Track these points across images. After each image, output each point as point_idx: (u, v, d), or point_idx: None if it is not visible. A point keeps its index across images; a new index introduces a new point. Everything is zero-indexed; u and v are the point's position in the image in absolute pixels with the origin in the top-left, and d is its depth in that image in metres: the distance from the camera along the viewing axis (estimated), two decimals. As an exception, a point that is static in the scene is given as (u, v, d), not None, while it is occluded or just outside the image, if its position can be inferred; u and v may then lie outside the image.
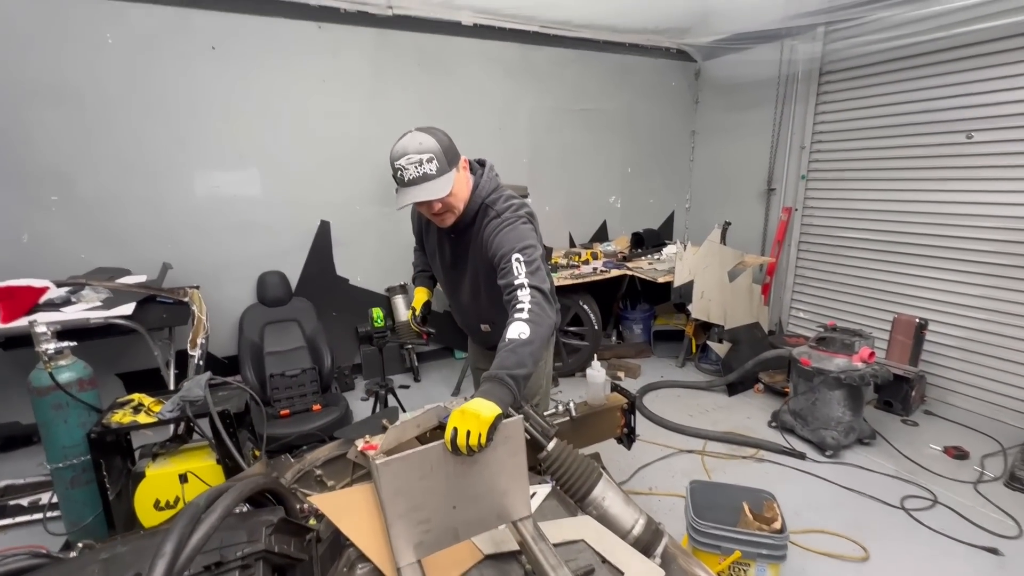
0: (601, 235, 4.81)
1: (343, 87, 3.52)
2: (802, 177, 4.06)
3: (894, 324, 3.17)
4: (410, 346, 3.82)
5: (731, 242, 4.33)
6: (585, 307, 3.71)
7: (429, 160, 1.40)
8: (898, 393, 3.13)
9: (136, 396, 1.99)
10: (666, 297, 4.77)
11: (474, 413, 1.03)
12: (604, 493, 1.69)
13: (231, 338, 3.39)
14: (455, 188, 1.45)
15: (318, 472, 1.58)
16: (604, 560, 1.19)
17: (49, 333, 1.81)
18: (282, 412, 3.00)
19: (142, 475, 1.86)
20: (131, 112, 2.99)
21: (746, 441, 2.86)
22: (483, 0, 3.59)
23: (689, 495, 1.85)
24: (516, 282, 1.39)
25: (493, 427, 1.02)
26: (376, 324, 2.62)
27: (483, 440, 1.00)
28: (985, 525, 2.20)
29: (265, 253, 3.45)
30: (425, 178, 1.40)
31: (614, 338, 4.56)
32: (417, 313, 1.98)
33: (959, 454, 2.71)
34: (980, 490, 2.45)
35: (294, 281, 3.59)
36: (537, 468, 1.59)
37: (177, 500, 1.94)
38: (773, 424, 3.04)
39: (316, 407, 3.05)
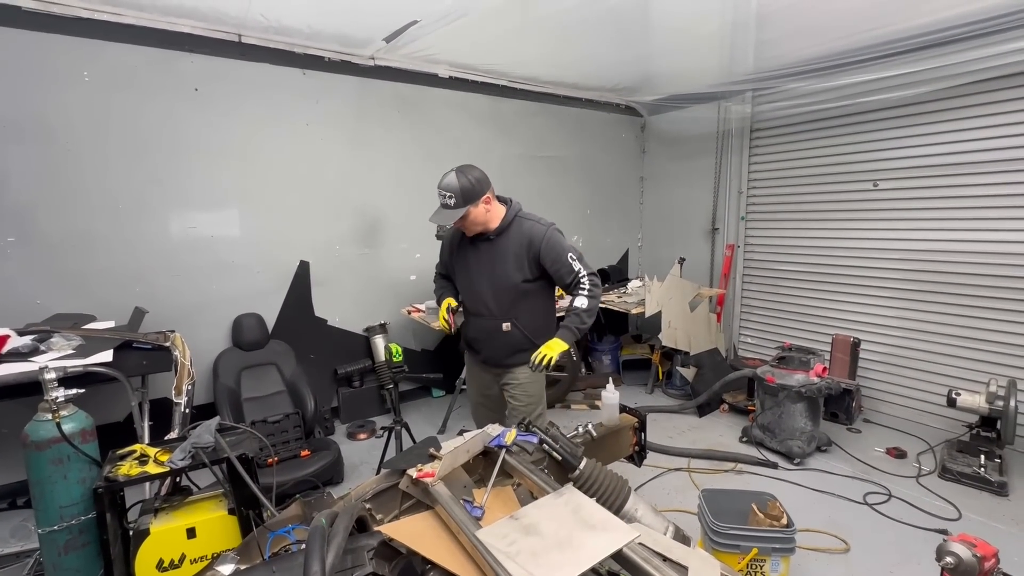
0: (566, 272, 5.09)
1: (326, 131, 3.59)
2: (741, 218, 4.61)
3: (833, 343, 3.63)
4: (391, 386, 3.77)
5: (685, 276, 4.76)
6: (563, 339, 3.89)
7: (450, 197, 1.99)
8: (842, 404, 3.56)
9: (138, 447, 1.88)
10: (628, 328, 5.09)
11: (554, 345, 2.08)
12: (636, 505, 1.83)
13: (204, 385, 3.19)
14: (471, 216, 2.04)
15: (368, 506, 1.58)
16: (665, 558, 1.31)
17: (56, 380, 1.70)
18: (269, 460, 2.85)
19: (146, 532, 1.75)
20: (105, 150, 2.87)
21: (725, 456, 3.11)
22: (459, 56, 3.86)
23: (704, 502, 2.02)
24: (578, 271, 2.12)
25: (564, 354, 2.09)
26: (396, 359, 2.64)
27: (554, 359, 2.06)
28: (932, 511, 2.55)
29: (242, 295, 3.34)
30: (445, 207, 2.02)
31: (583, 370, 4.76)
32: (453, 305, 2.28)
33: (899, 454, 3.13)
34: (921, 482, 2.84)
35: (271, 323, 3.48)
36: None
37: (183, 558, 1.83)
38: (744, 439, 3.33)
39: (304, 453, 2.93)
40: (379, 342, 3.83)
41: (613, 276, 4.78)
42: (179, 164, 3.09)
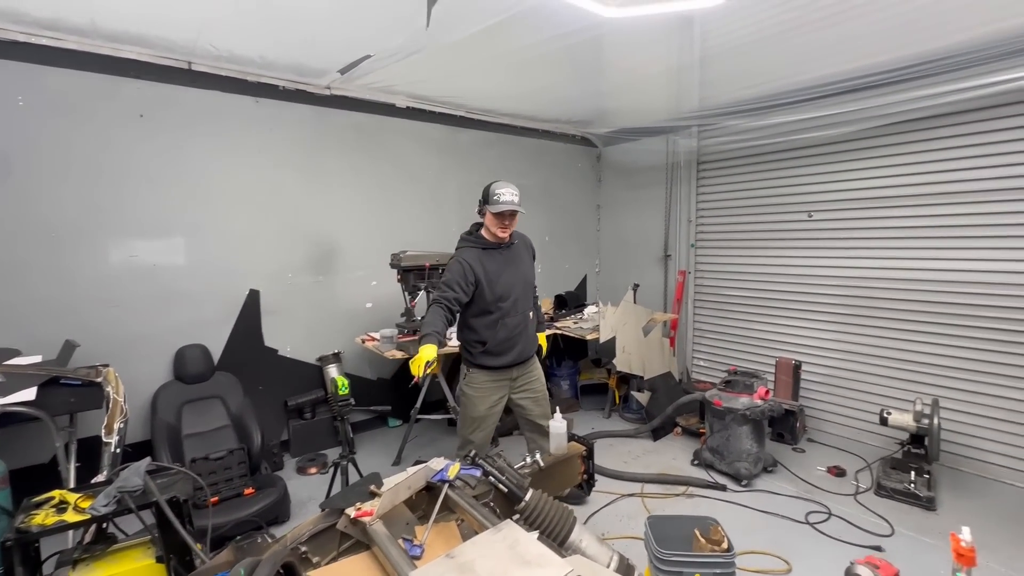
0: (525, 298, 5.15)
1: (279, 158, 3.56)
2: (691, 245, 4.80)
3: (777, 366, 3.80)
4: (345, 417, 3.67)
5: (639, 302, 4.89)
6: (520, 366, 3.91)
7: (516, 195, 2.44)
8: (787, 425, 3.70)
9: (56, 493, 1.76)
10: (586, 354, 5.16)
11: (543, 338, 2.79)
12: (581, 535, 1.85)
13: (140, 422, 3.03)
14: (518, 217, 2.52)
15: (303, 549, 1.53)
16: (605, 591, 1.33)
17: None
18: (209, 500, 2.71)
19: (65, 587, 1.63)
20: (39, 177, 2.76)
21: (676, 480, 3.16)
22: (416, 87, 3.94)
23: (649, 529, 2.05)
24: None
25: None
26: (341, 392, 2.57)
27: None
28: (868, 528, 2.67)
29: (186, 325, 3.22)
30: (514, 203, 2.42)
31: (543, 395, 4.78)
32: (432, 358, 2.25)
33: (839, 472, 3.26)
34: (859, 500, 2.96)
35: (217, 354, 3.36)
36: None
37: (103, 613, 1.71)
38: (696, 462, 3.40)
39: (248, 491, 2.81)
40: (332, 372, 3.75)
41: (571, 302, 4.86)
42: (122, 191, 3.00)
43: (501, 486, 1.87)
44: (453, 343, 3.46)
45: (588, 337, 3.95)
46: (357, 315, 4.00)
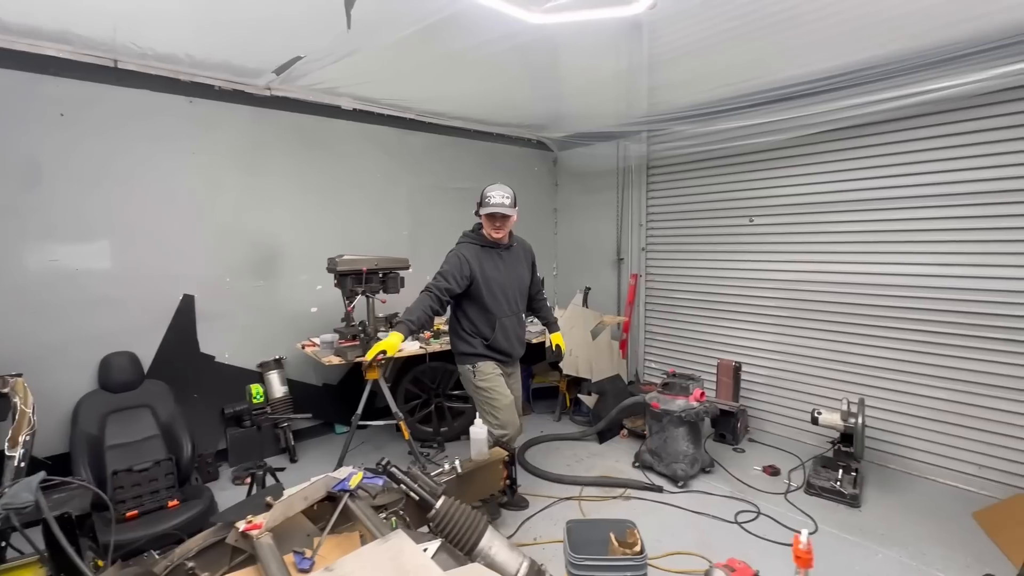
0: (480, 301, 5.14)
1: (216, 160, 3.48)
2: (642, 249, 4.87)
3: (718, 367, 3.87)
4: (286, 424, 3.60)
5: (592, 304, 4.93)
6: (467, 370, 3.89)
7: (506, 198, 2.55)
8: (728, 426, 3.78)
9: (-61, 511, 1.67)
10: (540, 357, 5.17)
11: (560, 337, 3.03)
12: (491, 543, 1.84)
13: (59, 434, 2.91)
14: (512, 219, 2.61)
15: (190, 565, 1.48)
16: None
17: None
18: (128, 513, 2.62)
19: (-67, 610, 1.55)
20: (-55, 178, 2.63)
21: (614, 482, 3.19)
22: (361, 90, 3.89)
23: (567, 534, 2.06)
24: (541, 276, 3.03)
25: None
26: (255, 400, 2.50)
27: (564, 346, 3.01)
28: (793, 526, 2.73)
29: (112, 332, 3.11)
30: (502, 204, 2.54)
31: (496, 399, 4.77)
32: (392, 352, 2.35)
33: (773, 471, 3.34)
34: (789, 498, 3.04)
35: (147, 362, 3.25)
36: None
37: (-14, 636, 1.63)
38: (636, 464, 3.44)
39: (172, 503, 2.72)
40: (274, 378, 3.67)
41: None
42: (40, 193, 2.88)
43: (412, 494, 1.85)
44: (411, 348, 3.44)
45: (534, 340, 3.96)
46: (302, 320, 3.93)
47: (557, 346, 2.98)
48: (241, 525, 1.49)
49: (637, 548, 1.96)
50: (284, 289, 3.86)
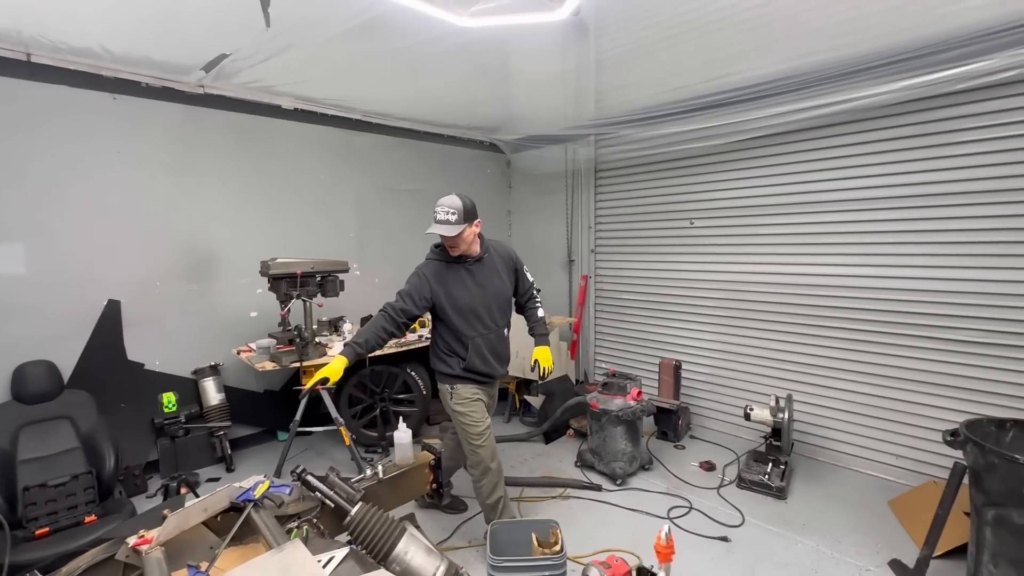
0: (432, 304, 5.10)
1: (145, 159, 3.34)
2: (592, 250, 4.94)
3: (660, 366, 3.96)
4: (221, 433, 3.49)
5: (545, 306, 4.96)
6: (412, 374, 3.86)
7: (452, 213, 2.21)
8: (669, 423, 3.87)
9: None
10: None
11: (545, 353, 2.65)
12: (407, 548, 1.83)
13: (-33, 448, 2.73)
14: (465, 234, 2.26)
15: (76, 583, 1.42)
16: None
17: None
18: (38, 531, 2.49)
19: None
20: None
21: (555, 482, 3.22)
22: (300, 89, 3.82)
23: (489, 537, 2.06)
24: (533, 282, 2.70)
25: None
26: (167, 409, 2.41)
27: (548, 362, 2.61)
28: (722, 520, 2.82)
29: (27, 341, 2.95)
30: (445, 223, 2.22)
31: (448, 402, 4.74)
32: (333, 383, 2.22)
33: (709, 467, 3.44)
34: (721, 493, 3.13)
35: (67, 371, 3.10)
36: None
37: None
38: (578, 464, 3.48)
39: (89, 519, 2.60)
40: (209, 385, 3.55)
41: (474, 307, 4.86)
42: (-59, 193, 2.71)
43: (328, 501, 1.83)
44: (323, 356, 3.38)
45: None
46: (241, 325, 3.82)
47: (537, 362, 2.61)
48: (132, 540, 1.44)
49: (557, 548, 1.98)
50: (222, 293, 3.74)
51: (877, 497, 3.05)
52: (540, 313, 2.70)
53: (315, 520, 1.80)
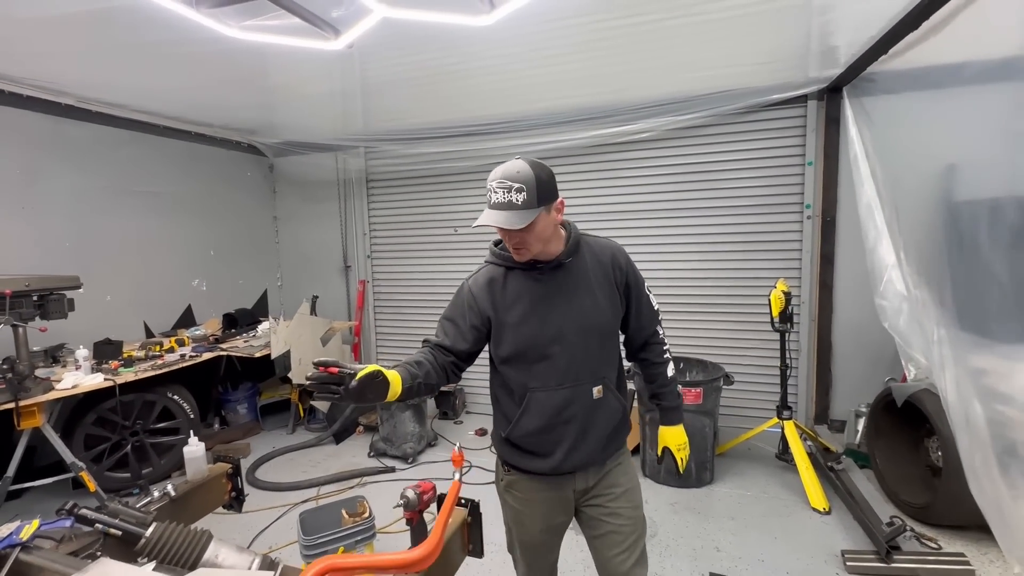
0: (187, 320, 4.54)
1: None
2: (368, 256, 5.19)
3: (439, 356, 4.52)
4: None
5: (323, 312, 5.00)
6: (176, 398, 3.47)
7: (520, 191, 1.29)
8: (449, 403, 4.46)
9: None
10: (270, 372, 4.94)
11: (677, 435, 1.62)
12: (217, 551, 1.88)
13: None
14: (540, 226, 1.33)
15: None
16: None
17: None
18: None
19: None
20: None
21: (350, 475, 3.43)
22: (-15, 60, 3.01)
23: (299, 524, 2.21)
24: (657, 310, 1.60)
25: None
26: None
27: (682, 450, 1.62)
28: (492, 468, 3.51)
29: None
30: (508, 206, 1.30)
31: (216, 425, 4.33)
32: (371, 371, 1.22)
33: (482, 432, 4.16)
34: (492, 450, 3.84)
35: None
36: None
37: None
38: (371, 454, 3.75)
39: None
40: None
41: (242, 320, 4.56)
42: None
43: (113, 530, 1.72)
44: (92, 381, 2.82)
45: (257, 355, 3.81)
46: None
47: (666, 450, 1.64)
48: None
49: (366, 515, 2.27)
50: None
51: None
52: (670, 370, 1.62)
53: (99, 554, 1.67)
